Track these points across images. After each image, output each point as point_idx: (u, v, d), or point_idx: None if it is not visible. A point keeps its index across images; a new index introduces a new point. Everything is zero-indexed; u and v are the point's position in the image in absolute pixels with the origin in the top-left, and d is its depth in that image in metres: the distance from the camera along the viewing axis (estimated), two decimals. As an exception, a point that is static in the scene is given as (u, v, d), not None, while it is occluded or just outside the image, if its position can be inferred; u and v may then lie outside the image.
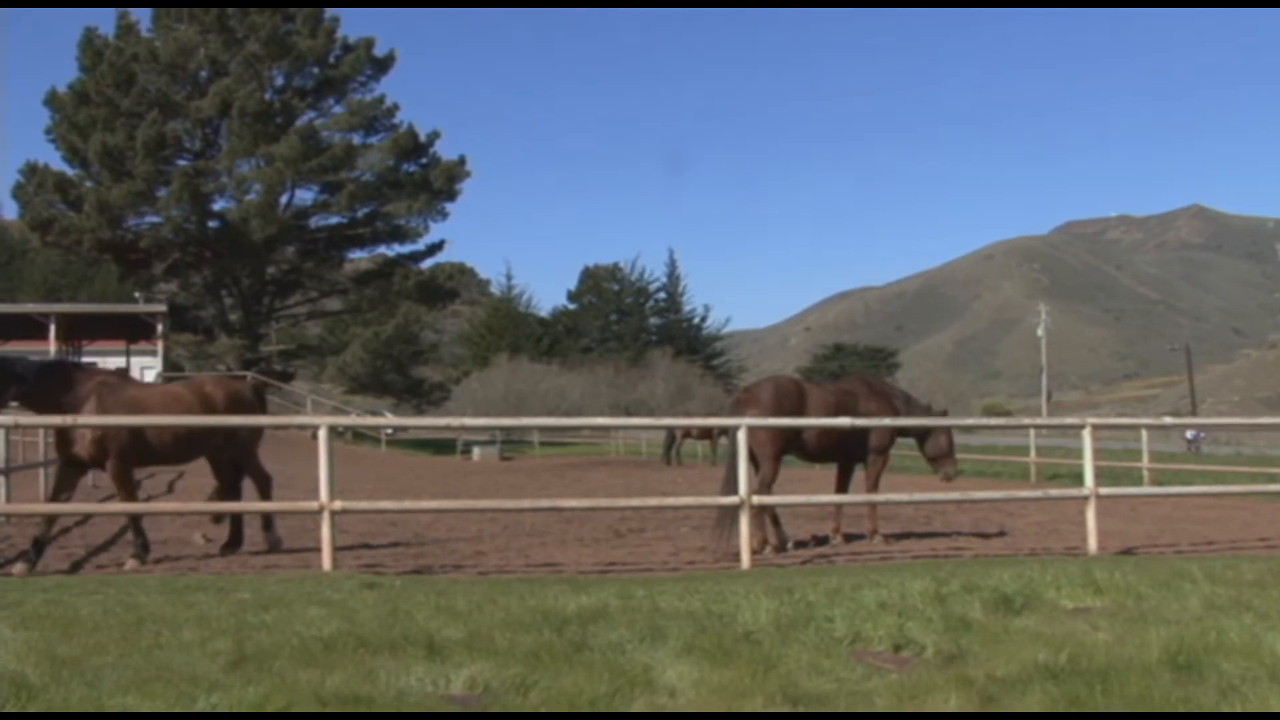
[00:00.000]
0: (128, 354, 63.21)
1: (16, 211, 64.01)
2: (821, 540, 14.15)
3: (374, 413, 60.43)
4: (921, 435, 14.82)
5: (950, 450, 14.81)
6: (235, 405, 13.23)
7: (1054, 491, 17.07)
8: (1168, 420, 25.04)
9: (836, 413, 13.50)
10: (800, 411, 13.43)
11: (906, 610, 6.84)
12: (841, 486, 14.60)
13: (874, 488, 14.35)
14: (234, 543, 12.98)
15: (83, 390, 11.93)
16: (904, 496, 14.38)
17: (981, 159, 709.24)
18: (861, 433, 13.87)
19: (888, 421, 13.70)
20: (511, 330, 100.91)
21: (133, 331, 58.18)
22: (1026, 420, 30.98)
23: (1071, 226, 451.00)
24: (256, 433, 13.88)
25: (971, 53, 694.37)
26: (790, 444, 13.73)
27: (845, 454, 14.39)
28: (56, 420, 11.51)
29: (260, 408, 14.49)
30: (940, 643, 6.09)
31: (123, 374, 16.16)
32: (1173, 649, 5.81)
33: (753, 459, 13.11)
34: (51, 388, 11.82)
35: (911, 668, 5.73)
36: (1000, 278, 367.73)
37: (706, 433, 38.47)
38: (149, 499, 21.16)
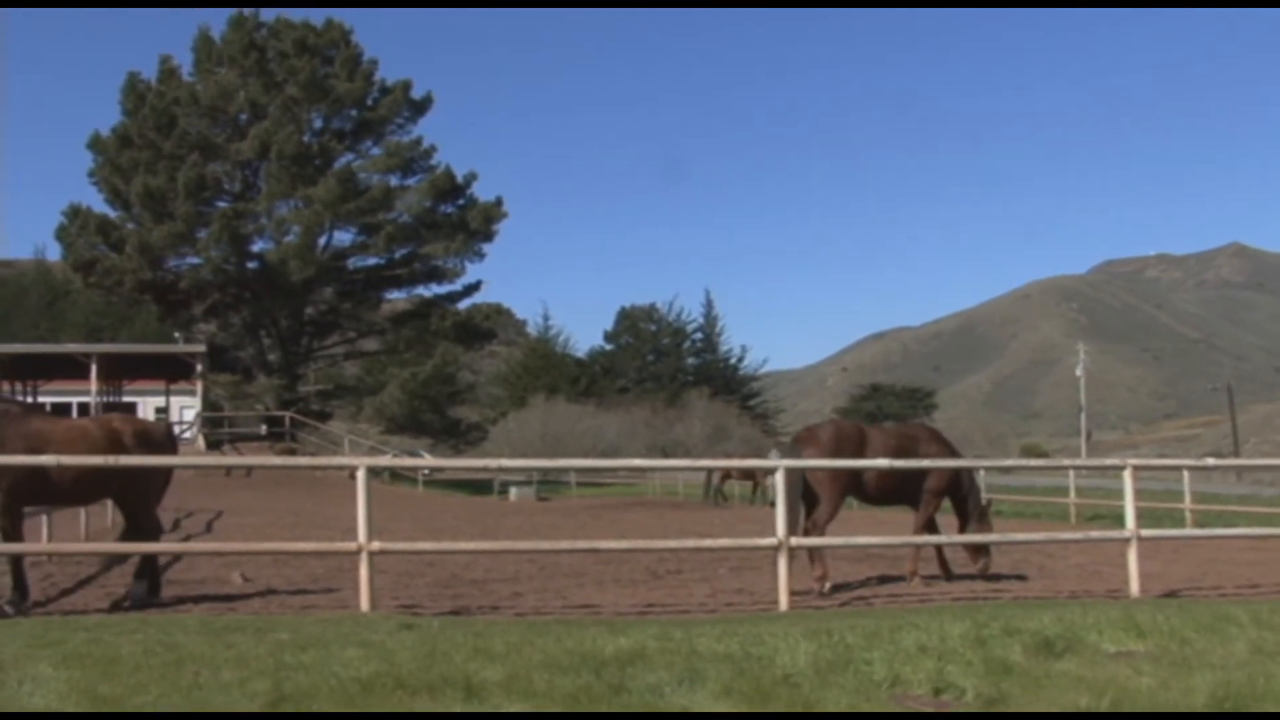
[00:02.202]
0: (167, 394, 63.77)
1: (60, 253, 64.79)
2: (892, 579, 14.16)
3: (411, 453, 60.56)
4: (960, 500, 14.79)
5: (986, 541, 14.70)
6: (144, 444, 12.13)
7: (1095, 533, 16.91)
8: (1210, 461, 24.80)
9: (897, 457, 13.52)
10: (860, 454, 13.46)
11: (946, 653, 6.77)
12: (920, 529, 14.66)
13: (921, 530, 14.35)
14: (152, 589, 12.13)
15: None
16: (943, 538, 14.29)
17: (1018, 198, 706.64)
18: (921, 477, 13.98)
19: (922, 463, 13.63)
20: (548, 370, 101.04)
21: (173, 371, 58.68)
22: (1066, 461, 30.73)
23: (1110, 266, 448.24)
24: (164, 479, 12.99)
25: (1007, 91, 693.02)
26: (851, 485, 13.79)
27: (908, 497, 14.44)
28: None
29: (171, 449, 13.32)
30: (981, 686, 6.03)
31: (27, 405, 15.46)
32: (1219, 695, 5.74)
33: (810, 497, 13.39)
34: None
35: (951, 711, 5.68)
36: (1038, 317, 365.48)
37: (748, 474, 38.36)
38: (187, 539, 21.28)
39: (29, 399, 59.68)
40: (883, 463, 12.85)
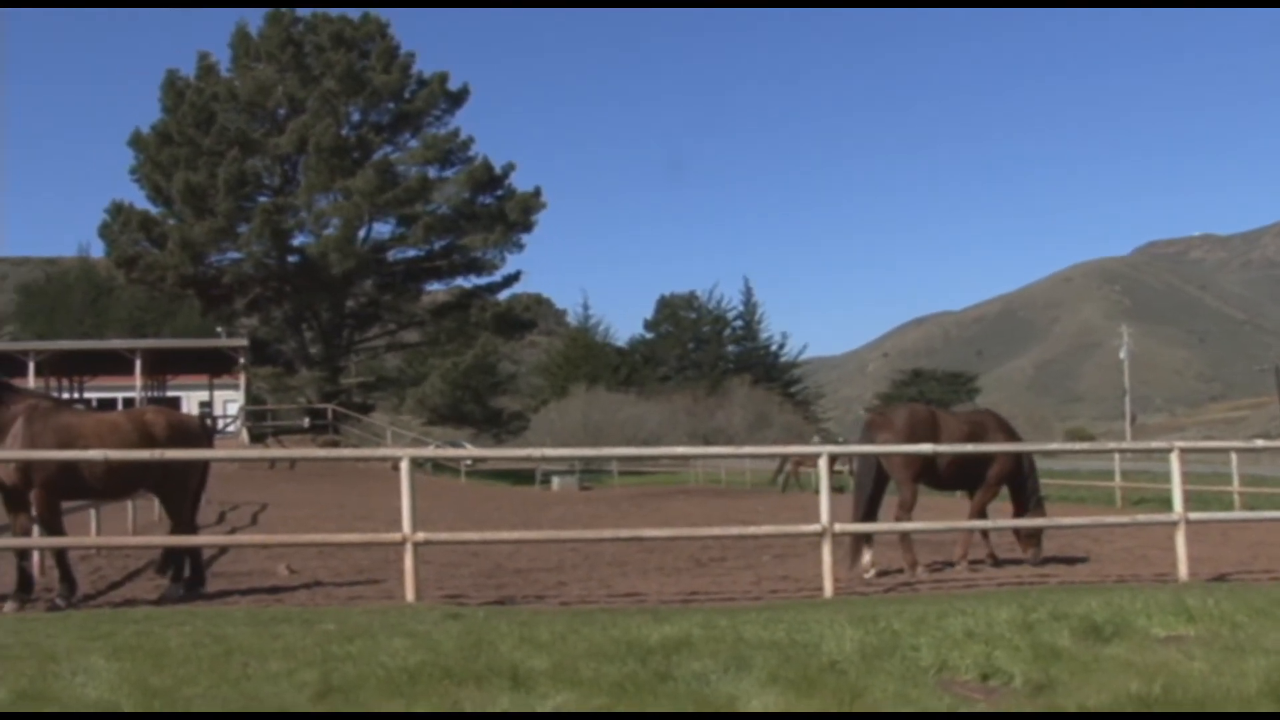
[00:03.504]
0: (211, 388, 64.22)
1: (103, 250, 65.30)
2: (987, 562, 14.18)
3: (453, 444, 60.74)
4: (1019, 487, 14.74)
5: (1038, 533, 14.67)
6: (177, 437, 12.10)
7: (1142, 517, 16.72)
8: (1259, 443, 24.52)
9: (968, 443, 13.59)
10: (934, 439, 13.46)
11: (993, 639, 6.72)
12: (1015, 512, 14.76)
13: (976, 515, 14.32)
14: (195, 581, 12.22)
15: (9, 413, 11.27)
16: (988, 523, 14.22)
17: (1060, 181, 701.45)
18: (985, 464, 14.05)
19: (967, 448, 13.57)
20: (589, 360, 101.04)
21: (215, 366, 59.05)
22: (1111, 445, 30.51)
23: (1153, 247, 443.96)
24: (201, 472, 12.96)
25: (1050, 74, 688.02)
26: (925, 470, 13.87)
27: (971, 483, 14.51)
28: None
29: (206, 441, 13.21)
30: (1029, 672, 5.98)
31: (58, 400, 15.43)
32: (1273, 679, 5.67)
33: (879, 482, 13.79)
34: None
35: (1000, 697, 5.64)
36: (1080, 300, 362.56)
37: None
38: (233, 531, 21.44)
39: (75, 395, 60.33)
40: (926, 448, 12.82)
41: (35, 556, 12.17)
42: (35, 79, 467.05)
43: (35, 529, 11.61)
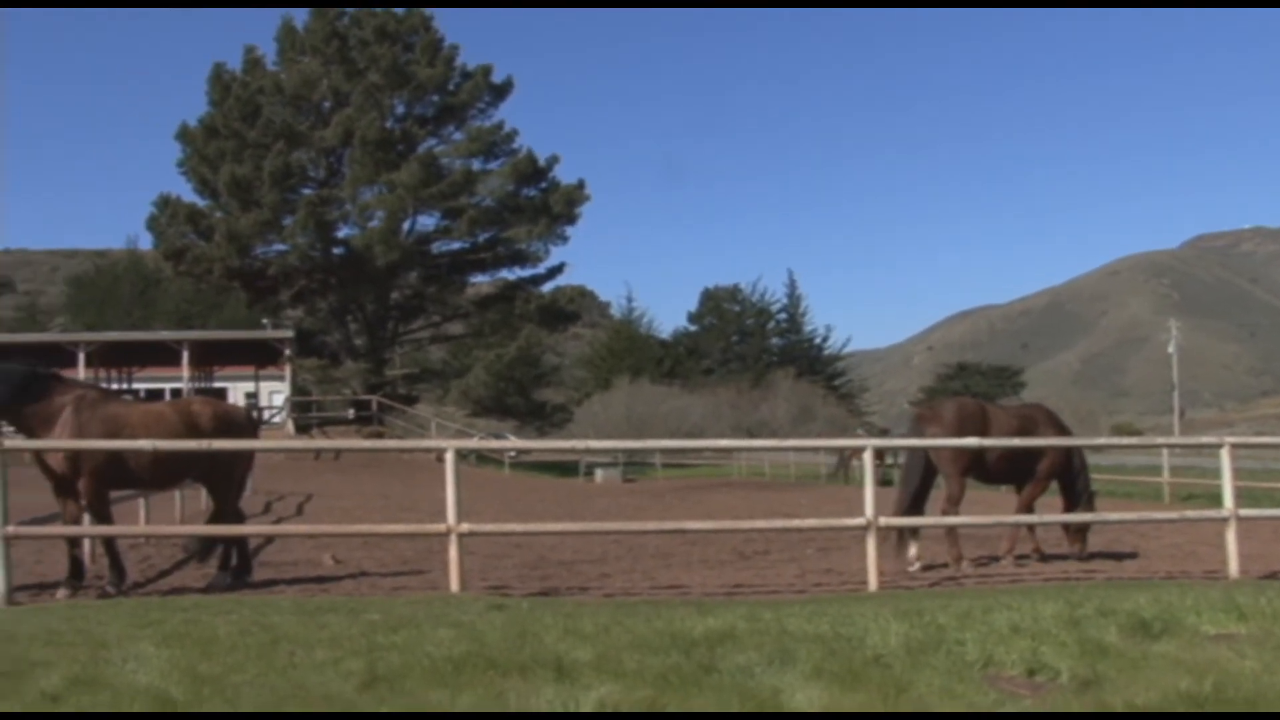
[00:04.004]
0: (257, 379, 64.80)
1: (151, 242, 65.91)
2: (1024, 558, 14.10)
3: (497, 435, 60.96)
4: (1070, 483, 14.67)
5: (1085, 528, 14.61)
6: (222, 427, 12.15)
7: (1191, 513, 16.55)
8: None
9: (1017, 437, 13.55)
10: (983, 433, 13.42)
11: (1039, 634, 6.66)
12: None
13: (1023, 510, 14.25)
14: (242, 570, 12.36)
15: (58, 403, 11.41)
16: (1034, 517, 14.12)
17: (1108, 173, 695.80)
18: (1035, 458, 14.01)
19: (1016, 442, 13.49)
20: (633, 352, 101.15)
21: (262, 357, 59.60)
22: (1161, 440, 30.16)
23: (1202, 240, 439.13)
24: (246, 462, 13.04)
25: (1094, 61, 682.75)
26: (973, 464, 13.80)
27: (1020, 477, 14.45)
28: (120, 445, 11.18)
29: (251, 432, 13.38)
30: (1076, 668, 5.92)
31: (105, 390, 15.61)
32: (1326, 678, 5.59)
33: (926, 475, 13.82)
34: (24, 398, 11.35)
35: (1046, 693, 5.59)
36: (1128, 294, 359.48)
37: (878, 454, 38.08)
38: (279, 521, 21.60)
39: (124, 386, 60.96)
40: (988, 441, 12.81)
41: (85, 544, 12.30)
42: (86, 75, 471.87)
43: (85, 517, 11.76)
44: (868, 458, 11.74)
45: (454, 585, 10.66)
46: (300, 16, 62.49)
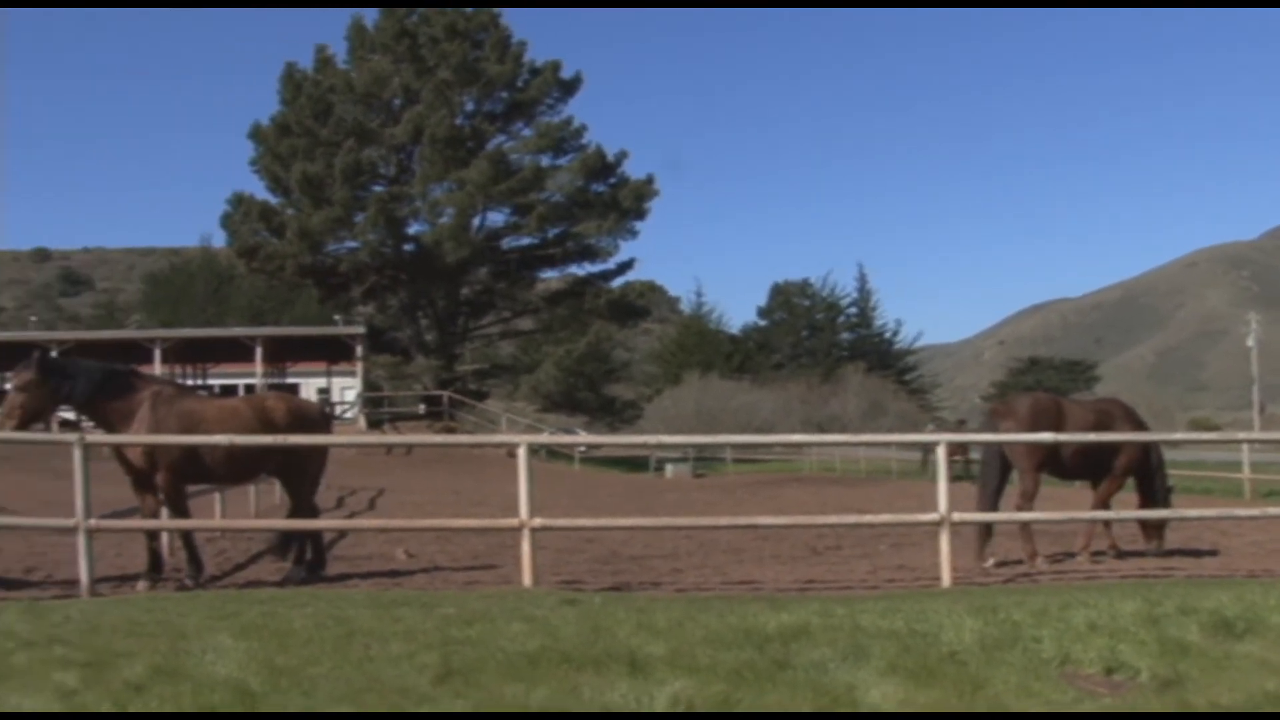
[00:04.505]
0: (329, 375, 65.36)
1: (225, 240, 66.78)
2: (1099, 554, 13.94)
3: (567, 431, 61.14)
4: (1147, 478, 14.47)
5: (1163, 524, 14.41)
6: (297, 422, 12.39)
7: (1274, 509, 16.27)
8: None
9: (1094, 432, 13.41)
10: (1057, 428, 13.30)
11: (1117, 632, 6.58)
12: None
13: (1100, 506, 14.09)
14: (316, 564, 12.45)
15: (136, 399, 11.59)
16: (1110, 514, 13.94)
17: (1183, 163, 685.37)
18: (1112, 454, 13.81)
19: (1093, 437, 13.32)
20: (702, 347, 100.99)
21: (333, 353, 60.06)
22: (1241, 435, 29.47)
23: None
24: (321, 457, 13.11)
25: (1172, 50, 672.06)
26: (1048, 460, 13.68)
27: (1097, 473, 14.28)
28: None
29: (325, 427, 13.50)
30: (1156, 667, 5.84)
31: (181, 386, 15.79)
32: None
33: (1002, 471, 13.68)
34: (103, 394, 11.54)
35: (1126, 692, 5.52)
36: (1205, 286, 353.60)
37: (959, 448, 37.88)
38: (351, 516, 21.80)
39: (199, 382, 61.81)
40: (1063, 436, 12.69)
41: (164, 538, 12.49)
42: (161, 76, 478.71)
43: (163, 511, 11.95)
44: (941, 453, 11.65)
45: (526, 580, 10.70)
46: (370, 15, 63.03)
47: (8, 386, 11.87)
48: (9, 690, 5.38)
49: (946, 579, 11.07)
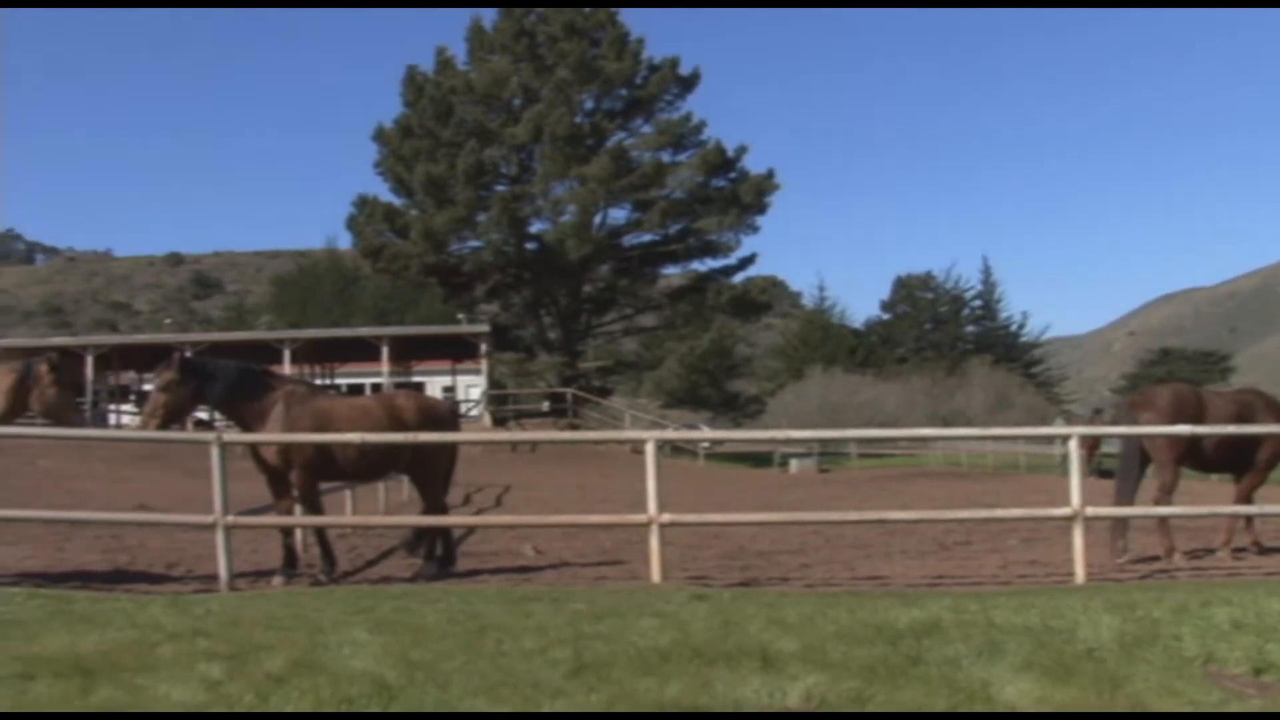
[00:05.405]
0: (454, 373, 66.16)
1: (350, 241, 67.94)
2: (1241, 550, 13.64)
3: (691, 426, 61.19)
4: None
5: None
6: (426, 421, 12.58)
7: None
8: None
9: (1236, 424, 13.05)
10: (1198, 420, 12.96)
11: (1264, 630, 6.39)
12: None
13: (1242, 500, 13.71)
14: (446, 560, 12.61)
15: (269, 399, 11.86)
16: (1254, 508, 13.57)
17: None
18: (1254, 446, 13.46)
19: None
20: (825, 342, 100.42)
21: (458, 352, 60.76)
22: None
23: None
24: (450, 455, 13.19)
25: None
26: (1188, 453, 13.36)
27: (1239, 466, 13.90)
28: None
29: (454, 425, 13.61)
30: (1307, 667, 5.68)
31: (313, 385, 16.00)
32: None
33: (1141, 464, 13.46)
34: (239, 394, 11.83)
35: (1276, 693, 5.37)
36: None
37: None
38: (479, 512, 22.05)
39: (327, 381, 62.98)
40: (1203, 429, 12.39)
41: (298, 534, 12.76)
42: (288, 82, 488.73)
43: (297, 508, 12.22)
44: (1073, 446, 11.44)
45: (655, 575, 10.73)
46: (489, 16, 63.64)
47: (149, 387, 12.21)
48: (158, 680, 5.53)
49: (1080, 575, 10.88)
